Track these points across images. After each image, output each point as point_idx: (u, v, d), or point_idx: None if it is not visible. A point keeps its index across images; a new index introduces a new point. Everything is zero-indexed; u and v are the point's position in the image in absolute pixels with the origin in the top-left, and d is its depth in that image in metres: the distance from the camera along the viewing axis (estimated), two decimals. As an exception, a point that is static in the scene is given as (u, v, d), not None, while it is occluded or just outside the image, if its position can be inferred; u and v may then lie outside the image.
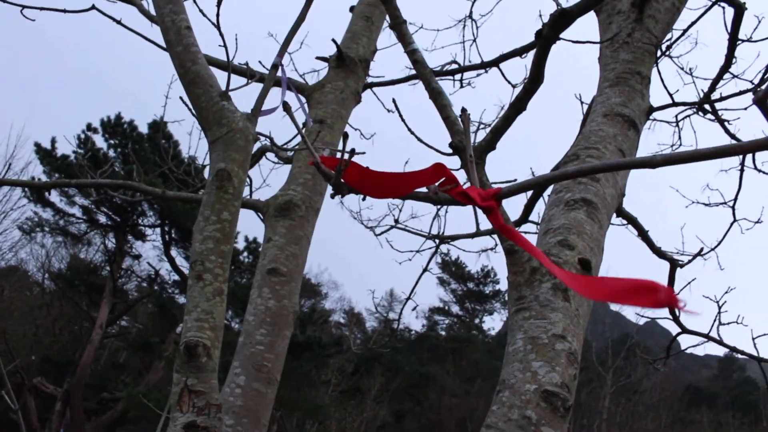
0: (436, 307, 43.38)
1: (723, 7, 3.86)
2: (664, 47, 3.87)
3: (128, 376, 22.45)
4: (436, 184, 1.09)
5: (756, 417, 27.78)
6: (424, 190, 1.08)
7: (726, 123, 3.86)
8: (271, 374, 2.94)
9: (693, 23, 4.02)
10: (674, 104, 3.49)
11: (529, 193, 4.60)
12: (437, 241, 5.65)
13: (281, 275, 3.17)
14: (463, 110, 1.45)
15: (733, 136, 4.50)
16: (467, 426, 26.67)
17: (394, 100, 2.53)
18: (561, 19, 1.94)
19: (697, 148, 0.99)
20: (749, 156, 4.68)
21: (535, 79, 2.09)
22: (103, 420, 18.87)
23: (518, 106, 2.14)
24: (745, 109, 4.42)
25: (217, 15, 2.56)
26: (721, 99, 3.67)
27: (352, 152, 0.93)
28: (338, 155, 0.94)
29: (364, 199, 1.03)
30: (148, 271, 24.72)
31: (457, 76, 5.14)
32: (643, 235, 3.46)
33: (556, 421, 1.99)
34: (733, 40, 3.88)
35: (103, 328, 19.55)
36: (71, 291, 22.55)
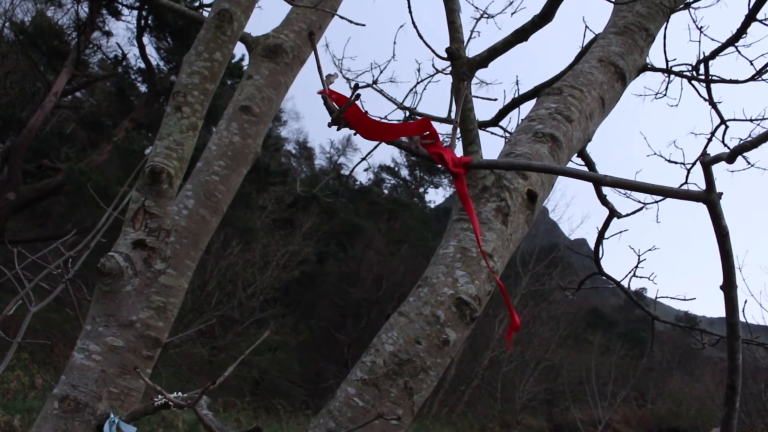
0: (386, 166, 43.88)
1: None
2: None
3: (72, 148, 22.27)
4: (420, 136, 1.19)
5: (640, 353, 30.13)
6: (408, 139, 1.19)
7: (716, 103, 3.95)
8: (219, 205, 3.05)
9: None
10: (668, 71, 3.55)
11: (508, 99, 4.70)
12: (407, 113, 5.72)
13: (252, 115, 3.22)
14: (463, 81, 1.51)
15: (714, 106, 4.62)
16: (382, 284, 27.87)
17: (408, 3, 2.53)
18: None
19: (649, 183, 1.13)
20: (721, 128, 4.85)
21: (545, 16, 2.13)
22: (39, 186, 18.86)
23: (521, 35, 2.20)
24: (738, 83, 4.51)
25: None
26: (713, 81, 3.75)
27: (357, 96, 1.03)
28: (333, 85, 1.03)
29: (355, 134, 1.13)
30: (115, 51, 23.89)
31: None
32: (595, 180, 3.62)
33: (461, 326, 2.22)
34: (750, 18, 3.91)
35: (57, 96, 19.11)
36: (31, 48, 21.69)
